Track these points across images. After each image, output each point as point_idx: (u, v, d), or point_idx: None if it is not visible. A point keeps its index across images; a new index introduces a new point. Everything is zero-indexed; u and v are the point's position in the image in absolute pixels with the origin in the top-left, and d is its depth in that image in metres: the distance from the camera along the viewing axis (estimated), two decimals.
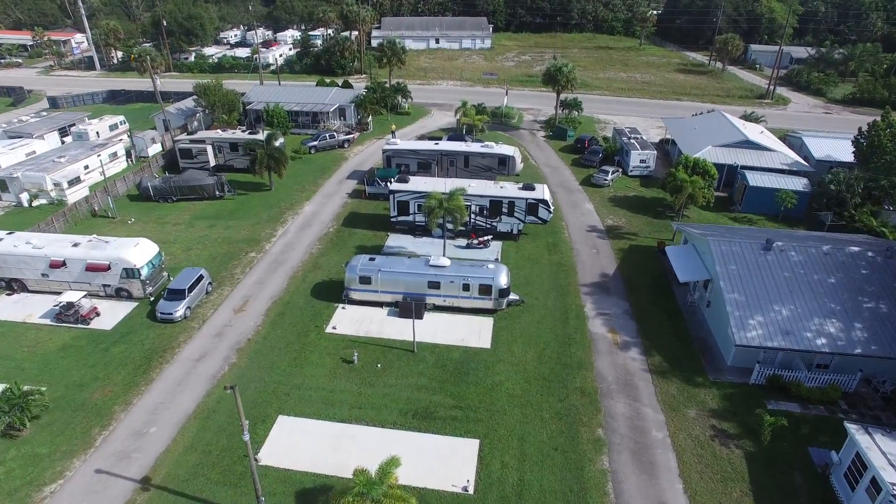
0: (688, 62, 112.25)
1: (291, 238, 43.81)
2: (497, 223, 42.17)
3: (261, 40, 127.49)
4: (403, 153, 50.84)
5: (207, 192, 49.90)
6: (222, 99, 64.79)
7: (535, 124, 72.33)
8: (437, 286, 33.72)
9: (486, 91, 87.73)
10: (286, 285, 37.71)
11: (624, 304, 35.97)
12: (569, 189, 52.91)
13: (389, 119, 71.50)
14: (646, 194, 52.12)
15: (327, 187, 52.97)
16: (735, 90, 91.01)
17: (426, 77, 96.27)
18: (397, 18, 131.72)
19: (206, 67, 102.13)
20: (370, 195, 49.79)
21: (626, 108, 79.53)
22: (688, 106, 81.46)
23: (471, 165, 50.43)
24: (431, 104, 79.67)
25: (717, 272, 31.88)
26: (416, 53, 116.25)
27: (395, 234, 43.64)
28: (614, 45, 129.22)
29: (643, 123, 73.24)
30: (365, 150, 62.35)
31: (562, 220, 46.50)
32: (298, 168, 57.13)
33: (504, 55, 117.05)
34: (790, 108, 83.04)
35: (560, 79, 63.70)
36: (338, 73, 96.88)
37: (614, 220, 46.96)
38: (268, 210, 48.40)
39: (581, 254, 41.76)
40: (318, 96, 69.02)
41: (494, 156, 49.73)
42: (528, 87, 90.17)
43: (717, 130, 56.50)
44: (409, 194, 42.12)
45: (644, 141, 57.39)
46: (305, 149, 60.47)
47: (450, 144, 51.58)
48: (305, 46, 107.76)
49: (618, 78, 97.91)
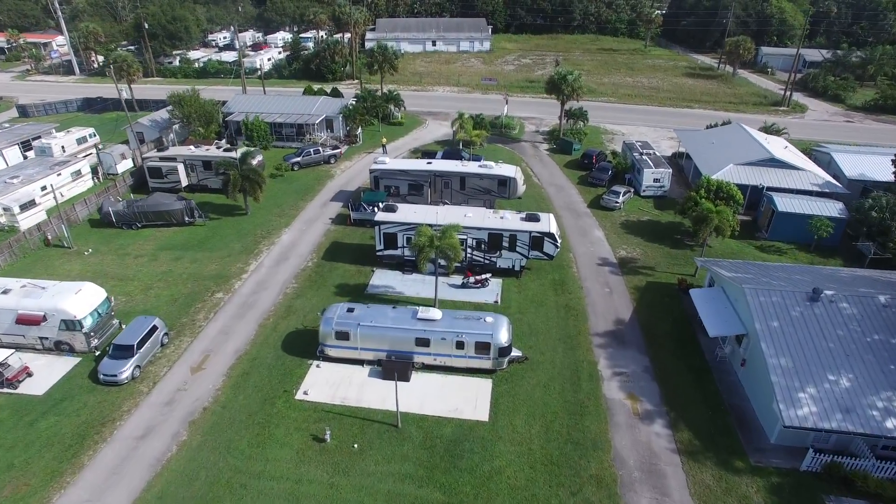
0: (696, 66, 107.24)
1: (265, 274, 38.86)
2: (497, 258, 37.24)
3: (250, 43, 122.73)
4: (392, 174, 45.87)
5: (175, 219, 44.94)
6: (199, 110, 59.81)
7: (538, 136, 67.36)
8: (427, 343, 28.81)
9: (484, 98, 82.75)
10: (254, 335, 32.77)
11: (643, 360, 31.05)
12: (576, 213, 47.96)
13: (381, 130, 66.54)
14: (661, 218, 47.19)
15: (309, 211, 48.00)
16: (748, 96, 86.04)
17: (421, 83, 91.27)
18: (393, 20, 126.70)
19: (191, 72, 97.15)
20: (355, 221, 44.85)
21: (633, 117, 74.57)
22: (699, 114, 76.52)
23: (467, 187, 45.48)
24: (426, 113, 74.69)
25: (755, 330, 26.98)
26: (411, 56, 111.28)
27: (381, 270, 38.71)
28: (618, 46, 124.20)
29: (653, 134, 68.33)
30: (353, 167, 57.39)
31: (569, 251, 41.57)
32: (279, 187, 52.18)
33: (503, 58, 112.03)
34: (808, 117, 78.09)
35: (564, 88, 58.75)
36: (328, 79, 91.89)
37: (628, 251, 42.02)
38: (241, 239, 43.44)
39: (592, 293, 36.83)
40: (303, 106, 64.03)
41: (494, 177, 44.77)
42: (530, 94, 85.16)
43: (737, 146, 51.56)
44: (397, 226, 37.17)
45: (657, 157, 52.44)
46: (287, 165, 55.49)
47: (444, 164, 46.59)
48: (295, 50, 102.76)
49: (624, 83, 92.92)
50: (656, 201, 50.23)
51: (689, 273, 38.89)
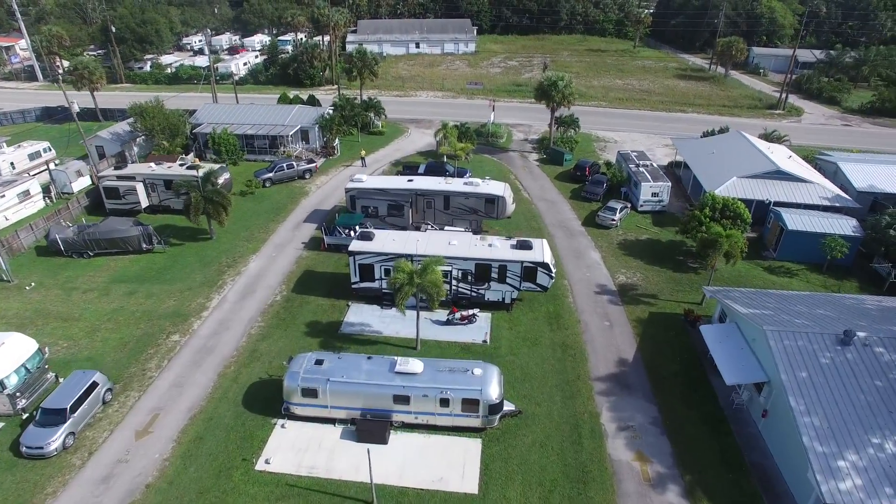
0: (686, 67, 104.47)
1: (228, 311, 34.88)
2: (485, 291, 33.62)
3: (226, 46, 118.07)
4: (370, 193, 42.06)
5: (131, 246, 40.76)
6: (163, 122, 55.53)
7: (527, 144, 63.87)
8: (406, 401, 25.11)
9: (469, 104, 79.11)
10: (212, 388, 28.84)
11: (650, 410, 27.60)
12: (569, 231, 44.50)
13: (360, 141, 62.64)
14: (661, 236, 43.88)
15: (280, 234, 44.03)
16: (742, 99, 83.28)
17: (404, 87, 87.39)
18: (374, 21, 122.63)
19: (162, 78, 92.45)
20: (329, 246, 40.99)
21: (626, 123, 71.37)
22: (693, 119, 73.56)
23: (452, 207, 41.81)
24: (409, 121, 70.92)
25: (781, 381, 23.60)
26: (394, 59, 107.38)
27: (356, 305, 34.91)
28: (606, 47, 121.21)
29: (647, 141, 65.15)
30: (330, 182, 53.46)
31: (564, 277, 38.05)
32: (248, 207, 48.14)
33: (489, 60, 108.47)
34: (804, 120, 75.45)
35: (555, 95, 55.23)
36: (306, 85, 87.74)
37: (627, 276, 38.62)
38: (204, 269, 39.38)
39: (590, 328, 33.34)
40: (276, 116, 59.93)
41: (480, 196, 41.13)
42: (517, 99, 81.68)
43: (740, 157, 48.41)
44: (374, 256, 33.41)
45: (655, 169, 49.15)
46: (258, 182, 51.42)
47: (426, 181, 42.86)
48: (272, 54, 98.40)
49: (614, 86, 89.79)
50: (655, 217, 46.94)
51: (696, 301, 35.58)
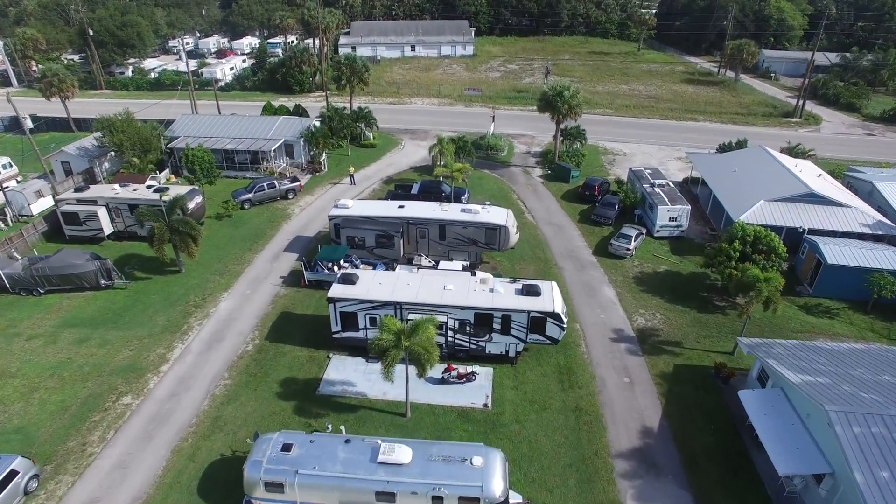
0: (694, 70, 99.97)
1: (191, 365, 30.35)
2: (486, 342, 29.15)
3: (214, 49, 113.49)
4: (356, 221, 37.52)
5: (88, 282, 36.20)
6: (134, 136, 50.94)
7: (530, 158, 59.33)
8: (391, 498, 20.61)
9: (467, 112, 74.57)
10: (163, 470, 24.31)
11: (683, 498, 23.12)
12: (579, 262, 40.02)
13: (350, 155, 58.09)
14: (681, 267, 39.41)
15: (257, 266, 39.49)
16: (755, 106, 78.80)
17: (398, 94, 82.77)
18: (368, 23, 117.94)
19: (144, 84, 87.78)
20: (310, 282, 36.48)
21: (634, 133, 66.87)
22: (706, 128, 69.10)
23: (448, 238, 37.28)
24: (403, 131, 66.37)
25: (855, 482, 19.16)
26: (388, 63, 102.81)
27: (338, 357, 30.39)
28: (609, 49, 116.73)
29: (659, 154, 60.68)
30: (315, 202, 48.92)
31: (576, 320, 33.56)
32: (224, 233, 43.61)
33: (488, 63, 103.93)
34: (823, 129, 71.05)
35: (560, 106, 50.72)
36: (295, 91, 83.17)
37: (647, 317, 34.14)
38: (168, 309, 34.83)
39: (608, 386, 28.87)
40: (259, 129, 55.34)
41: (480, 225, 36.61)
42: (518, 106, 77.16)
43: (765, 175, 43.95)
44: (357, 304, 28.91)
45: (672, 189, 44.67)
46: (236, 203, 46.84)
47: (419, 208, 38.26)
48: (260, 58, 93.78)
49: (619, 91, 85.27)
50: (672, 243, 42.48)
51: (726, 350, 31.14)
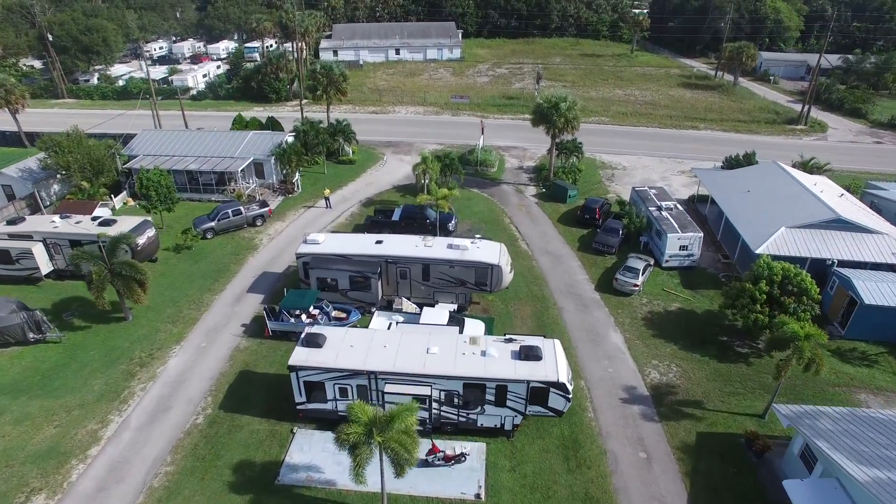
0: (690, 74, 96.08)
1: (127, 444, 25.48)
2: (478, 415, 24.61)
3: (189, 54, 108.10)
4: (328, 261, 32.80)
5: (13, 337, 31.19)
6: (83, 158, 45.85)
7: (522, 174, 54.83)
8: None
9: (455, 121, 70.00)
10: None
11: None
12: (581, 300, 35.58)
13: (326, 173, 53.29)
14: (695, 305, 35.11)
15: (215, 311, 34.62)
16: (757, 112, 74.93)
17: (381, 102, 77.94)
18: (351, 25, 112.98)
19: (110, 93, 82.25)
20: (275, 333, 31.75)
21: (633, 143, 62.63)
22: (708, 137, 65.07)
23: (433, 278, 32.69)
24: (385, 144, 61.64)
25: None
26: (371, 68, 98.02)
27: (304, 432, 25.67)
28: (601, 51, 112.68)
29: (660, 167, 56.49)
30: (286, 230, 44.12)
31: (581, 376, 29.10)
32: (182, 269, 38.73)
33: (476, 67, 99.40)
34: (830, 136, 67.30)
35: (556, 119, 46.28)
36: (272, 100, 78.19)
37: (661, 370, 29.78)
38: (108, 369, 29.93)
39: (621, 464, 24.42)
40: (226, 146, 50.35)
41: (469, 264, 32.04)
42: (508, 114, 72.74)
43: (783, 197, 39.78)
44: (323, 373, 24.27)
45: (681, 213, 40.37)
46: (197, 233, 41.90)
47: (400, 244, 33.55)
48: (235, 64, 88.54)
49: (614, 97, 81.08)
50: (683, 274, 38.21)
51: (755, 412, 26.85)
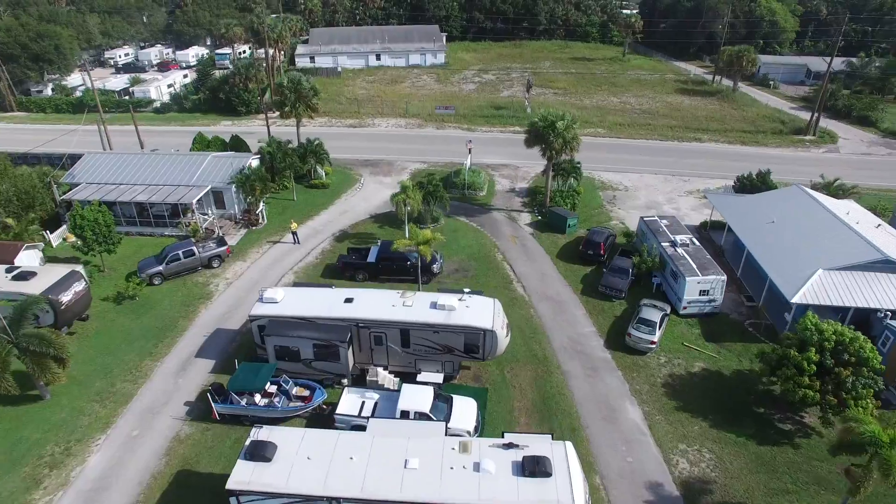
0: (687, 79, 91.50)
1: None
2: None
3: (156, 61, 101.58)
4: (287, 326, 27.17)
5: None
6: (9, 190, 39.77)
7: (514, 198, 49.47)
8: None
9: (439, 135, 64.55)
10: None
11: None
12: (589, 361, 30.30)
13: (296, 199, 47.57)
14: (722, 364, 29.99)
15: (155, 384, 28.82)
16: (761, 121, 70.36)
17: (360, 113, 72.13)
18: (329, 30, 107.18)
19: (64, 105, 75.64)
20: (223, 416, 26.10)
21: (633, 159, 57.57)
22: (713, 151, 60.26)
23: (414, 345, 27.25)
24: (363, 163, 56.01)
25: None
26: (351, 75, 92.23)
27: None
28: (592, 55, 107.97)
29: (665, 187, 51.52)
30: (247, 272, 38.36)
31: (594, 469, 23.81)
32: (120, 326, 32.87)
33: (461, 74, 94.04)
34: (842, 148, 62.86)
35: (553, 140, 41.01)
36: (241, 113, 72.19)
37: (691, 458, 24.58)
38: (7, 475, 24.08)
39: None
40: (182, 171, 44.43)
41: (458, 330, 26.56)
42: (497, 127, 67.43)
43: (815, 231, 34.80)
44: (271, 498, 18.70)
45: (699, 250, 35.27)
46: (139, 282, 35.96)
47: (374, 303, 27.98)
48: (203, 73, 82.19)
49: (609, 105, 76.12)
50: (703, 323, 33.13)
51: None
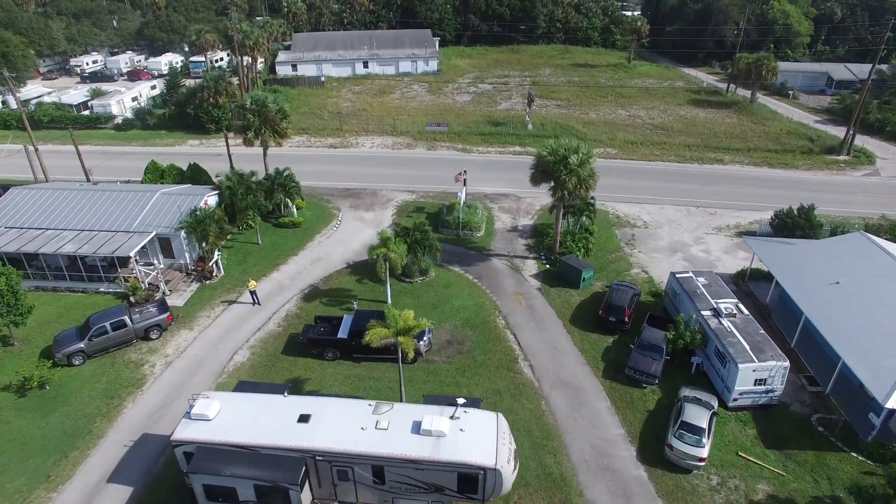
0: (699, 88, 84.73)
1: None
2: None
3: (126, 69, 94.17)
4: (219, 458, 20.05)
5: None
6: None
7: (517, 239, 42.35)
8: None
9: (431, 157, 57.50)
10: None
11: None
12: (620, 483, 23.20)
13: (260, 242, 40.41)
14: (793, 487, 23.11)
15: None
16: (786, 137, 63.62)
17: (342, 131, 64.94)
18: (314, 35, 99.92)
19: (13, 121, 68.09)
20: None
21: (650, 186, 50.61)
22: (738, 175, 53.39)
23: (391, 482, 20.22)
24: (343, 193, 48.89)
25: None
26: (336, 84, 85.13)
27: None
28: (594, 60, 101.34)
29: (689, 222, 44.65)
30: (192, 346, 31.12)
31: None
32: (19, 428, 25.63)
33: (455, 82, 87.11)
34: (882, 169, 56.11)
35: (566, 179, 33.89)
36: (210, 131, 64.84)
37: None
38: None
39: None
40: (124, 213, 37.21)
41: (450, 467, 19.54)
42: (495, 146, 60.46)
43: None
44: None
45: (749, 322, 28.32)
46: (51, 366, 28.68)
47: (336, 427, 20.66)
48: (172, 84, 74.77)
49: (618, 119, 69.27)
50: (758, 420, 26.24)
51: None
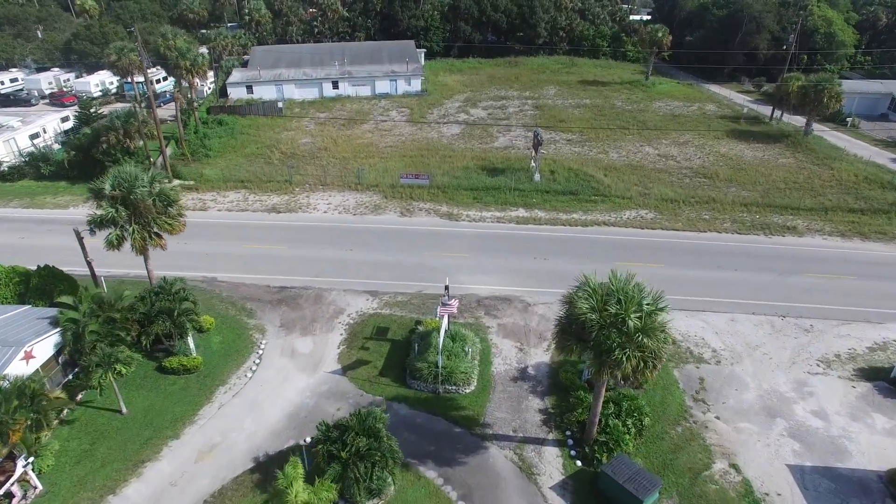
0: (737, 113, 69.94)
1: None
2: None
3: (48, 90, 78.49)
4: None
5: None
6: None
7: (527, 397, 27.13)
8: None
9: (406, 228, 42.35)
10: None
11: None
12: None
13: (125, 411, 25.29)
14: None
15: None
16: (863, 186, 49.09)
17: (291, 188, 49.69)
18: (275, 48, 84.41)
19: None
20: None
21: (708, 279, 35.71)
22: (823, 255, 38.46)
23: None
24: (273, 296, 33.70)
25: None
26: (298, 110, 69.80)
27: None
28: (605, 75, 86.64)
29: (778, 349, 29.83)
30: None
31: None
32: None
33: (442, 107, 71.99)
34: None
35: (621, 357, 19.13)
36: None
37: None
38: None
39: None
40: None
41: None
42: (492, 207, 45.50)
43: None
44: None
45: None
46: None
47: None
48: (84, 117, 59.36)
49: (646, 161, 54.43)
50: None
51: None
